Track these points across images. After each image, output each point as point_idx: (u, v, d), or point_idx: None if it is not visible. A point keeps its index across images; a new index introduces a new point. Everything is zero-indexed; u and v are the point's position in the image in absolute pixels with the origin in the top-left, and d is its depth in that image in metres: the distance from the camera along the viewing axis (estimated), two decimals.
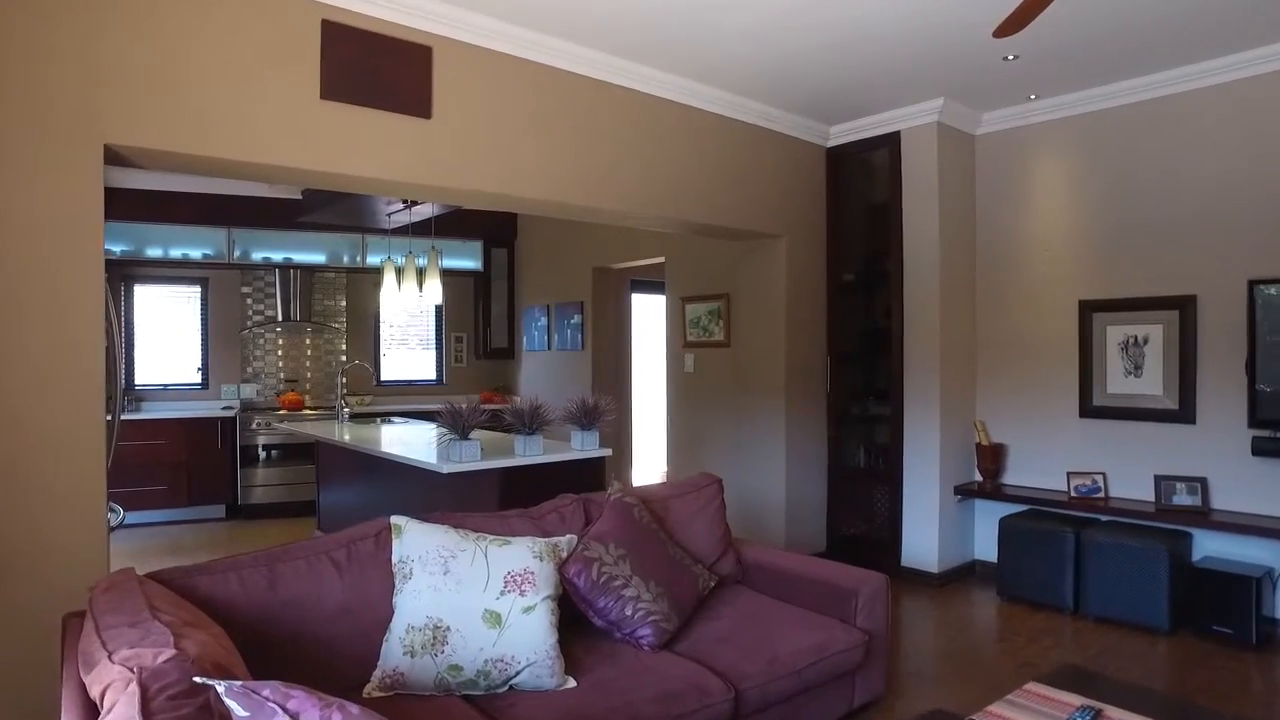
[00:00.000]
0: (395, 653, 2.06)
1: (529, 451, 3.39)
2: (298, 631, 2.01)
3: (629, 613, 2.42)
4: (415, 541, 2.21)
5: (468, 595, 2.13)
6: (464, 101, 3.18)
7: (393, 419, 5.45)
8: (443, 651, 2.06)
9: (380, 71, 2.94)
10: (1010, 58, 3.58)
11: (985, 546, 4.58)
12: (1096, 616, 3.75)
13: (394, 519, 2.28)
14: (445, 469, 3.12)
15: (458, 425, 3.17)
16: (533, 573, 2.22)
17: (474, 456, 3.21)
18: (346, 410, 5.20)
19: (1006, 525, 4.14)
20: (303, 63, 2.78)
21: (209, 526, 5.89)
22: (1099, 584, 3.73)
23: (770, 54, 3.57)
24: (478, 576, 2.16)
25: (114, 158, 2.57)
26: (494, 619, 2.11)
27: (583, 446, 3.60)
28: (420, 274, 4.88)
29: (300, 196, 6.16)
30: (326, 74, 2.82)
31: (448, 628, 2.08)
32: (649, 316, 7.79)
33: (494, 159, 3.28)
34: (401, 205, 5.05)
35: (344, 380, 5.67)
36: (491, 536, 2.29)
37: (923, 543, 4.44)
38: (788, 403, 4.62)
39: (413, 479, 3.89)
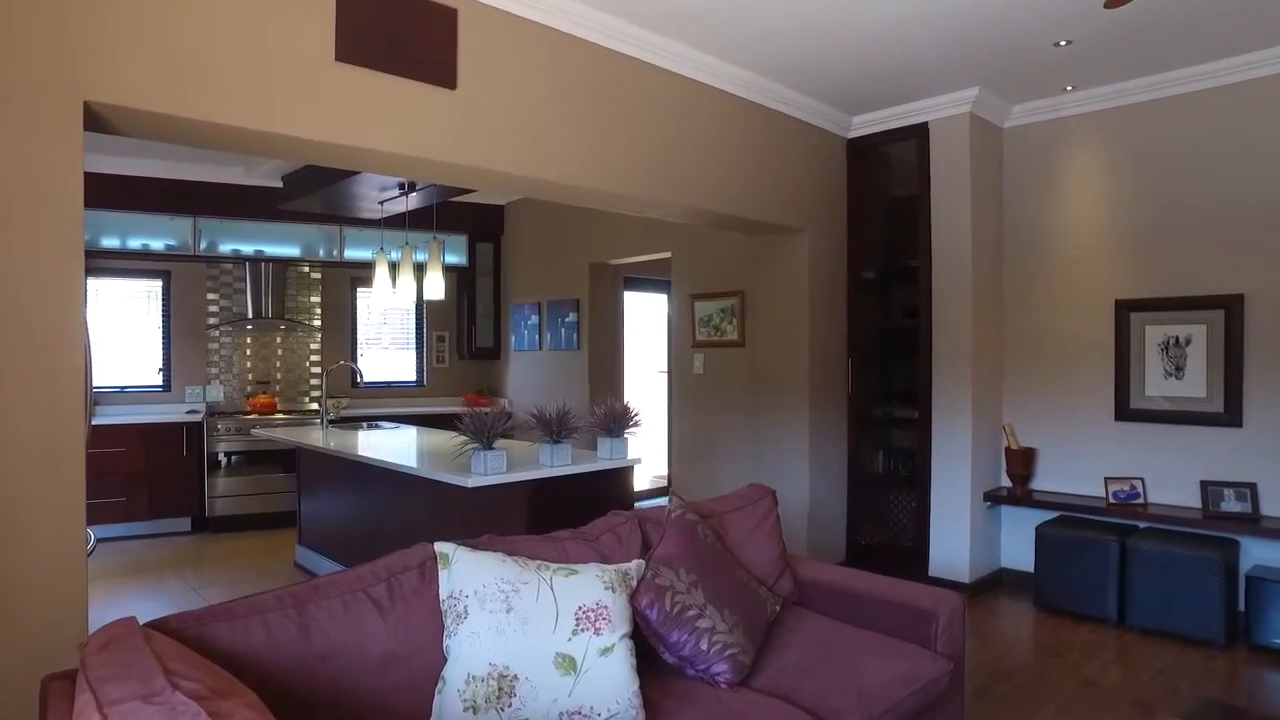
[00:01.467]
0: (453, 709, 1.74)
1: (557, 461, 3.08)
2: (339, 688, 1.68)
3: (704, 646, 2.13)
4: (468, 573, 1.89)
5: (536, 636, 1.81)
6: (490, 72, 2.86)
7: (381, 424, 5.06)
8: (510, 705, 1.75)
9: (401, 33, 2.59)
10: (1062, 43, 3.41)
11: (1013, 554, 4.43)
12: (1142, 628, 3.61)
13: (439, 547, 1.95)
14: (471, 483, 2.79)
15: (481, 433, 2.84)
16: (606, 607, 1.92)
17: (500, 469, 2.89)
18: (330, 414, 4.78)
19: (1044, 533, 3.98)
20: (315, 18, 2.42)
21: (173, 542, 5.40)
22: (1146, 595, 3.59)
23: (809, 31, 3.33)
24: (545, 613, 1.85)
25: (94, 122, 2.18)
26: (568, 664, 1.81)
27: (611, 455, 3.30)
28: (419, 268, 4.51)
29: (280, 183, 5.70)
30: (342, 32, 2.46)
31: (515, 676, 1.77)
32: (643, 315, 7.51)
33: (521, 138, 2.96)
34: (398, 190, 4.67)
35: (325, 382, 5.25)
36: (555, 565, 1.99)
37: (952, 551, 4.26)
38: (811, 406, 4.39)
39: (419, 492, 3.53)
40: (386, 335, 7.00)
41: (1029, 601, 4.07)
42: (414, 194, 4.69)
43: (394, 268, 4.61)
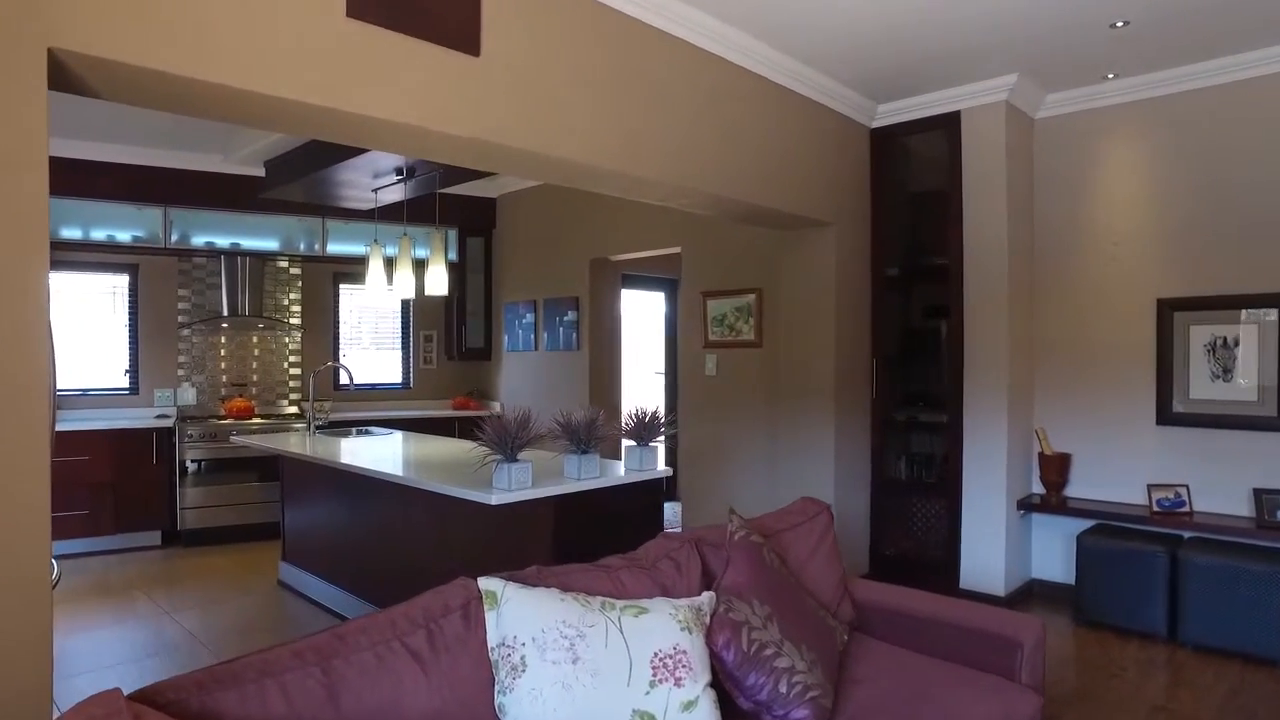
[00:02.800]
0: None
1: (585, 474, 2.78)
2: None
3: (783, 689, 1.86)
4: (522, 614, 1.59)
5: (609, 691, 1.53)
6: (516, 39, 2.56)
7: (370, 429, 4.70)
8: None
9: None
10: (1119, 24, 3.20)
11: (1044, 565, 4.23)
12: (1196, 645, 3.42)
13: (485, 583, 1.65)
14: (495, 500, 2.48)
15: (505, 443, 2.53)
16: (685, 651, 1.64)
17: (525, 483, 2.58)
18: (319, 420, 4.42)
19: (1085, 543, 3.78)
20: None
21: (142, 558, 4.97)
22: (1200, 609, 3.39)
23: (846, 10, 3.08)
24: (617, 663, 1.56)
25: (60, 78, 1.84)
26: None
27: (641, 466, 3.01)
28: (419, 264, 4.16)
29: (260, 172, 5.31)
30: None
31: None
32: (640, 314, 7.23)
33: (547, 114, 2.66)
34: (395, 177, 4.31)
35: (308, 384, 4.87)
36: (620, 603, 1.70)
37: (986, 562, 4.05)
38: (837, 410, 4.14)
39: (422, 506, 3.21)
40: (367, 335, 6.61)
41: (1067, 615, 3.87)
42: (412, 181, 4.34)
43: (389, 263, 4.26)
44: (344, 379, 6.32)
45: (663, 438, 3.00)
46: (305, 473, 4.14)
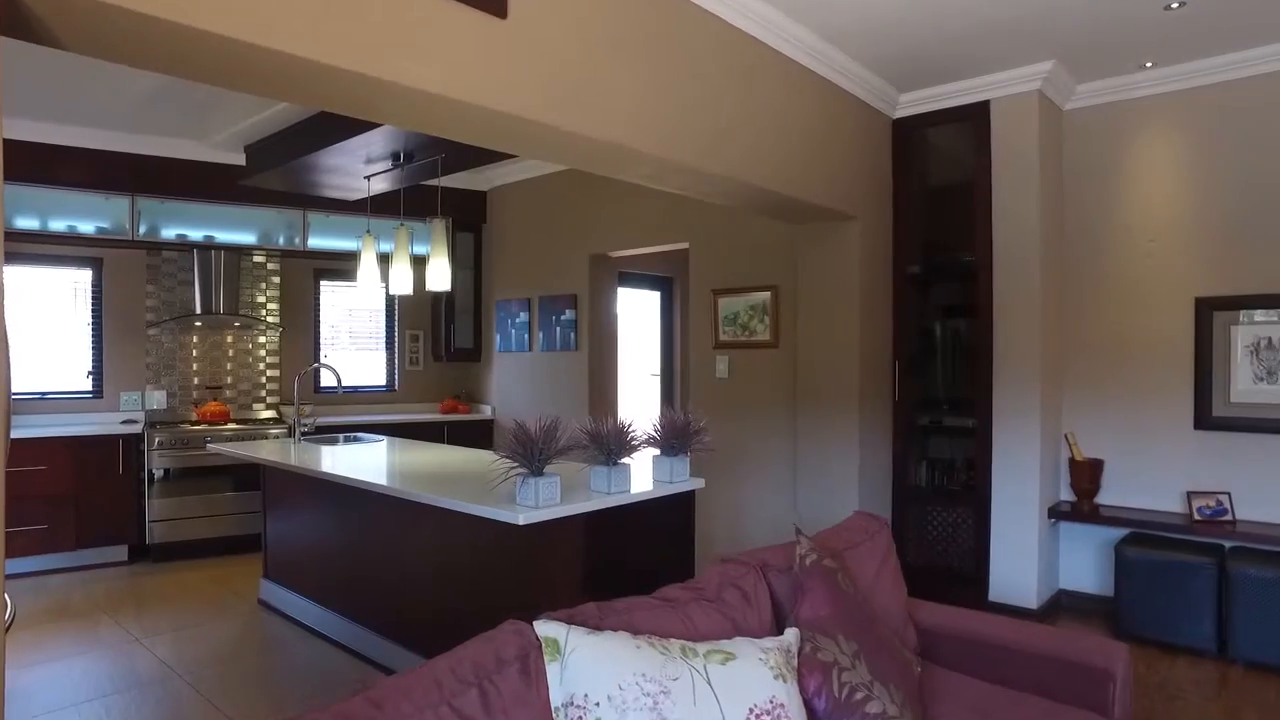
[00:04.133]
0: None
1: (616, 487, 2.51)
2: None
3: None
4: (592, 668, 1.32)
5: None
6: (546, 1, 2.28)
7: (359, 436, 4.37)
8: None
9: None
10: (1174, 5, 3.03)
11: (1073, 575, 4.07)
12: (1249, 661, 3.25)
13: (543, 629, 1.38)
14: (523, 519, 2.20)
15: (530, 455, 2.25)
16: (782, 705, 1.39)
17: (553, 499, 2.31)
18: (304, 426, 4.08)
19: (1126, 554, 3.60)
20: None
21: (107, 575, 4.58)
22: (1253, 624, 3.23)
23: None
24: None
25: (14, 18, 1.53)
26: None
27: (673, 478, 2.75)
28: (417, 260, 3.84)
29: (234, 160, 4.95)
30: None
31: None
32: (635, 313, 6.97)
33: (579, 87, 2.39)
34: (390, 164, 3.99)
35: (291, 387, 4.53)
36: (702, 647, 1.44)
37: (1017, 573, 3.86)
38: (861, 414, 3.93)
39: (429, 522, 2.91)
40: (346, 335, 6.25)
41: (1102, 628, 3.70)
42: (410, 168, 4.02)
43: (384, 259, 3.94)
44: (331, 381, 5.97)
45: (699, 446, 2.73)
46: (291, 483, 3.81)
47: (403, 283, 3.86)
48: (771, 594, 1.88)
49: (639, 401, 6.96)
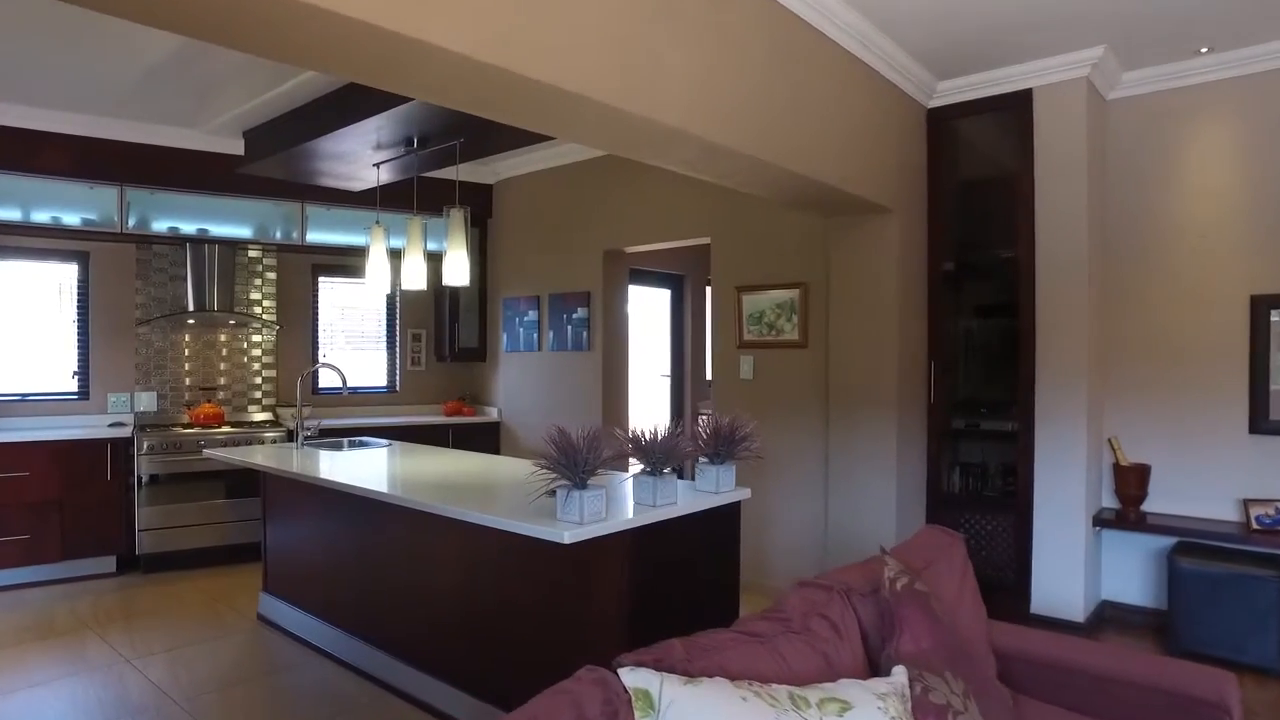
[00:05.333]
0: None
1: (662, 499, 2.29)
2: None
3: None
4: None
5: None
6: None
7: (366, 441, 4.13)
8: None
9: None
10: None
11: (1116, 585, 3.89)
12: None
13: (630, 678, 1.16)
14: (569, 537, 1.97)
15: (574, 466, 2.03)
16: None
17: (599, 514, 2.09)
18: (307, 430, 3.84)
19: (1181, 566, 3.42)
20: None
21: (94, 588, 4.31)
22: None
23: None
24: None
25: None
26: None
27: (719, 488, 2.54)
28: (431, 255, 3.61)
29: (231, 148, 4.70)
30: None
31: None
32: (646, 312, 6.77)
33: (629, 59, 2.18)
34: (402, 149, 3.75)
35: (294, 388, 4.27)
36: (814, 695, 1.22)
37: (1062, 584, 3.67)
38: (900, 417, 3.73)
39: (452, 537, 2.68)
40: (348, 334, 6.00)
41: (1151, 643, 3.52)
42: (425, 154, 3.77)
43: (398, 255, 3.70)
44: (331, 382, 5.72)
45: (747, 453, 2.52)
46: (295, 491, 3.56)
47: (416, 277, 3.63)
48: (860, 623, 1.68)
49: (649, 404, 6.75)
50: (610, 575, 2.20)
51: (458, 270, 3.47)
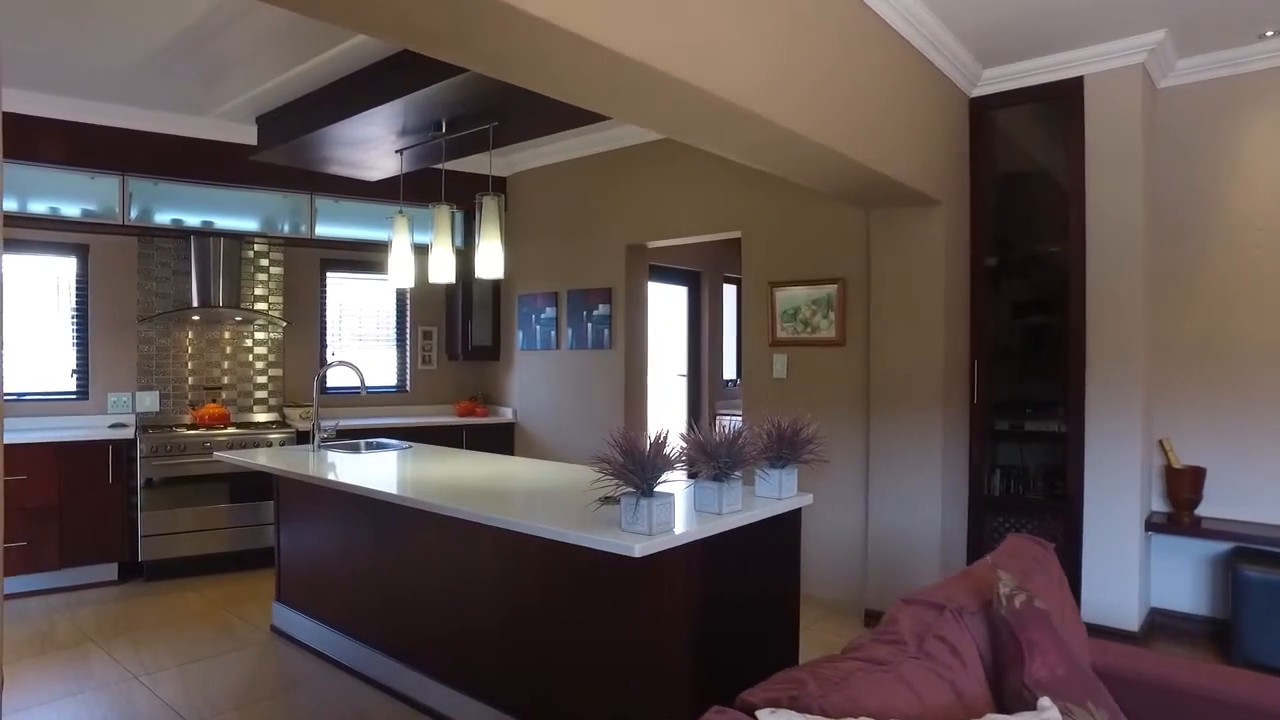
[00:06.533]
0: None
1: (728, 506, 2.12)
2: None
3: None
4: None
5: None
6: None
7: (384, 443, 3.94)
8: None
9: None
10: None
11: (1167, 593, 3.75)
12: None
13: None
14: (639, 549, 1.80)
15: (641, 472, 1.86)
16: None
17: (668, 524, 1.92)
18: (324, 432, 3.65)
19: (1243, 574, 3.28)
20: None
21: (96, 597, 4.11)
22: None
23: None
24: None
25: None
26: None
27: (781, 493, 2.37)
28: (455, 248, 3.43)
29: (241, 137, 4.50)
30: None
31: None
32: (663, 309, 6.61)
33: (694, 31, 2.01)
34: (429, 134, 3.56)
35: (310, 386, 4.08)
36: None
37: (1115, 593, 3.52)
38: (944, 418, 3.58)
39: (488, 546, 2.50)
40: (356, 331, 5.81)
41: (1208, 654, 3.38)
42: (453, 139, 3.56)
43: (424, 250, 3.51)
44: (340, 381, 5.53)
45: (811, 455, 2.35)
46: (311, 496, 3.37)
47: (445, 270, 3.44)
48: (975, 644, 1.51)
49: (666, 405, 6.59)
50: (675, 590, 2.02)
51: (491, 262, 3.29)
